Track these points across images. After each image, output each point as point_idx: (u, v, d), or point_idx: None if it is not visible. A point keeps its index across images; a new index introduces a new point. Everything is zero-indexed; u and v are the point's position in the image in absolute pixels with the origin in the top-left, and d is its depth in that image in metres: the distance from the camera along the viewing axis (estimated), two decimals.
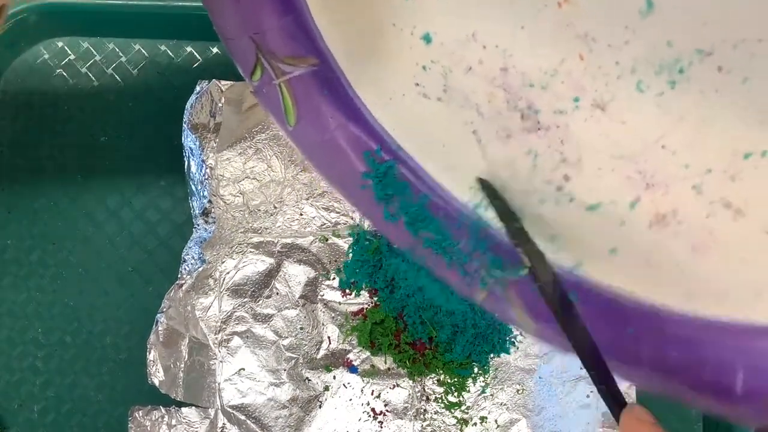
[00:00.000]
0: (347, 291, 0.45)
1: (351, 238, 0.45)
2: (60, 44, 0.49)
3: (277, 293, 0.45)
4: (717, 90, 0.19)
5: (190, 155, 0.45)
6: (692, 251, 0.23)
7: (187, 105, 0.45)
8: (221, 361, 0.43)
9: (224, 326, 0.44)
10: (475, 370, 0.43)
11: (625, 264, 0.26)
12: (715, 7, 0.18)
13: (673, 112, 0.21)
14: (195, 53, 0.49)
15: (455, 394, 0.43)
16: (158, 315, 0.43)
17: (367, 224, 0.45)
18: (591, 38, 0.21)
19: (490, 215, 0.31)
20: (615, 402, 0.24)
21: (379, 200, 0.33)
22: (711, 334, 0.25)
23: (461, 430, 0.43)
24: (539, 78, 0.23)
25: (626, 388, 0.42)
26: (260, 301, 0.44)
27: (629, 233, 0.25)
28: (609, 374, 0.25)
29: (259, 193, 0.46)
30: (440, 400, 0.43)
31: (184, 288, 0.44)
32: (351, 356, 0.44)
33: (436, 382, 0.43)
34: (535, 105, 0.24)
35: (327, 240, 0.45)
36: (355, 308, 0.45)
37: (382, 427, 0.43)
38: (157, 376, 0.42)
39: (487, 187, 0.29)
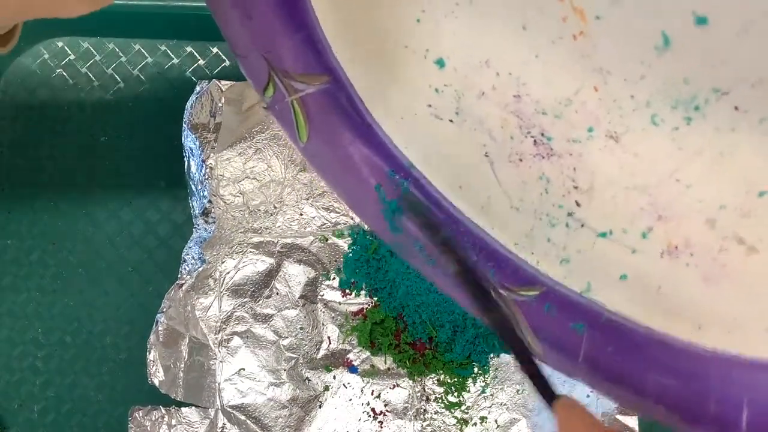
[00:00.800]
0: (347, 291, 0.45)
1: (351, 238, 0.45)
2: (60, 44, 0.49)
3: (277, 293, 0.45)
4: (733, 129, 0.19)
5: (190, 155, 0.45)
6: (703, 282, 0.23)
7: (187, 105, 0.45)
8: (221, 361, 0.43)
9: (224, 326, 0.44)
10: (475, 370, 0.43)
11: (636, 291, 0.26)
12: (733, 46, 0.18)
13: (688, 147, 0.21)
14: (195, 53, 0.49)
15: (455, 394, 0.43)
16: (158, 315, 0.43)
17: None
18: (606, 71, 0.21)
19: (499, 235, 0.31)
20: (546, 392, 0.25)
21: (394, 231, 0.33)
22: (718, 367, 0.25)
23: (461, 430, 0.43)
24: (553, 107, 0.23)
25: None
26: (260, 301, 0.44)
27: (640, 261, 0.25)
28: (535, 365, 0.25)
29: (259, 193, 0.46)
30: (440, 400, 0.43)
31: (184, 288, 0.44)
32: (351, 356, 0.44)
33: (436, 382, 0.43)
34: (548, 132, 0.24)
35: (327, 240, 0.45)
36: (355, 308, 0.45)
37: (382, 427, 0.43)
38: (157, 376, 0.42)
39: (410, 203, 0.29)
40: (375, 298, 0.44)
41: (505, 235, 0.31)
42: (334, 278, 0.45)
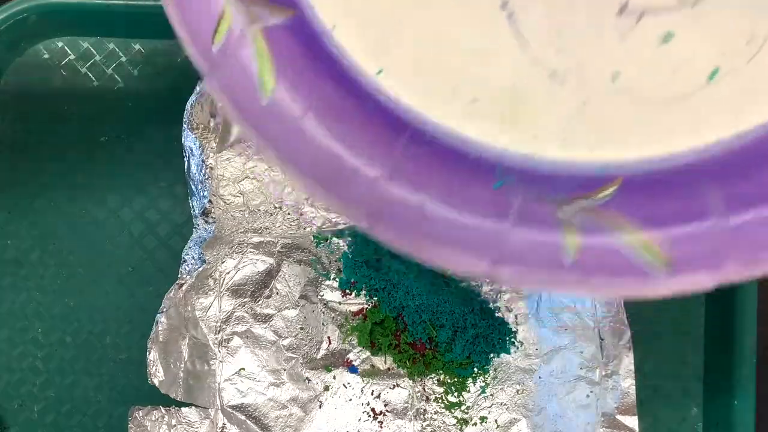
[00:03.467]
0: (347, 291, 0.45)
1: (351, 238, 0.45)
2: (60, 44, 0.49)
3: (277, 293, 0.45)
4: None
5: (190, 155, 0.45)
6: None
7: (187, 105, 0.45)
8: (221, 361, 0.43)
9: (224, 326, 0.44)
10: (475, 370, 0.43)
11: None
12: None
13: None
14: None
15: (455, 394, 0.43)
16: (158, 315, 0.43)
17: None
18: None
19: (541, 147, 0.23)
20: None
21: None
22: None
23: (461, 430, 0.43)
24: None
25: (626, 387, 0.42)
26: (260, 301, 0.44)
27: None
28: None
29: (259, 193, 0.46)
30: (440, 400, 0.43)
31: (184, 288, 0.44)
32: (351, 356, 0.44)
33: (436, 382, 0.43)
34: None
35: (327, 240, 0.45)
36: (355, 308, 0.45)
37: (382, 427, 0.43)
38: (157, 376, 0.42)
39: None
40: (375, 298, 0.44)
41: (547, 141, 0.23)
42: (334, 278, 0.45)
